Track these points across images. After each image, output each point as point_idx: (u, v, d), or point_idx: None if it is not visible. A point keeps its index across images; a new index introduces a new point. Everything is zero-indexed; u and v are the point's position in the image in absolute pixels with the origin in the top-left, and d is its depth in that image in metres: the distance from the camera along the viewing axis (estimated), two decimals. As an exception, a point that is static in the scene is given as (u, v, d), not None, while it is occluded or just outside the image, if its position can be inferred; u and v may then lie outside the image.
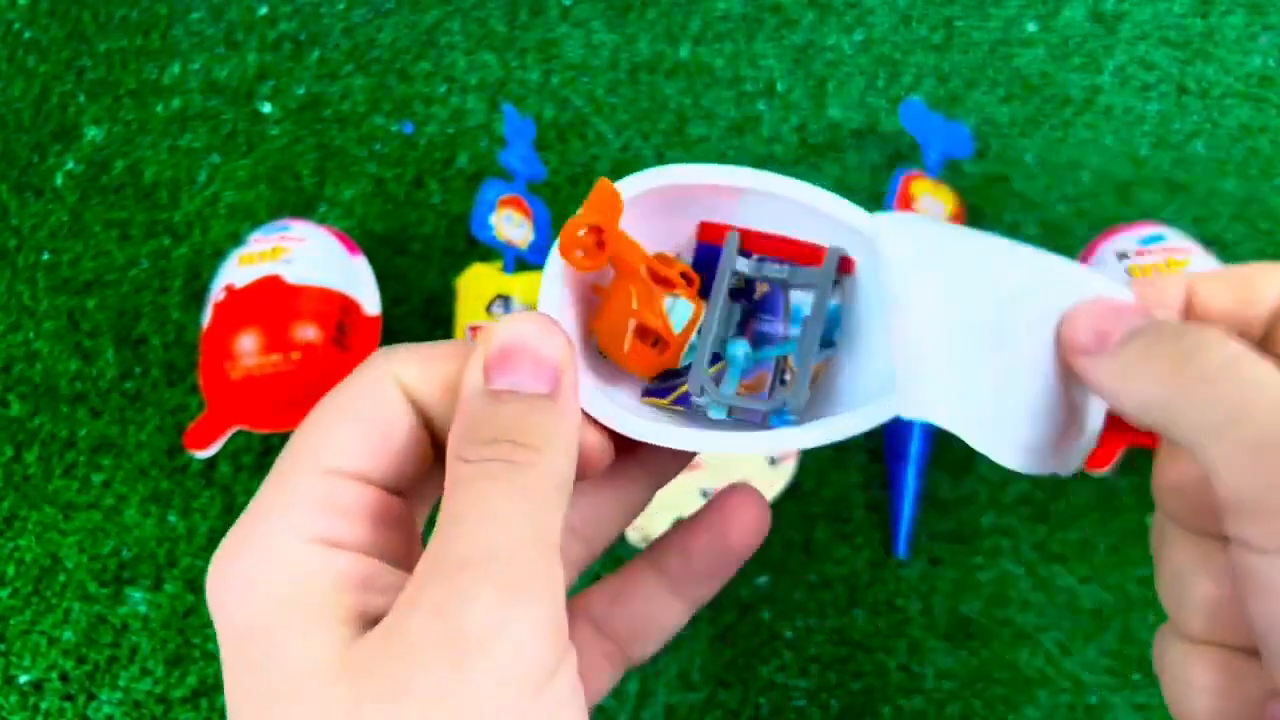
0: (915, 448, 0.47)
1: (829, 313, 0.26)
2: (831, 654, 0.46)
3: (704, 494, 0.45)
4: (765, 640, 0.46)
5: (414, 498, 0.24)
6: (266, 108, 0.59)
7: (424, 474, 0.23)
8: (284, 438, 0.50)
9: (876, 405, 0.24)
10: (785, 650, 0.46)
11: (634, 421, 0.24)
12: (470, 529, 0.19)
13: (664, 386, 0.27)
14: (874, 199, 0.55)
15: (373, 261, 0.52)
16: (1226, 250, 0.52)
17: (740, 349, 0.26)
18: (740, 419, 0.25)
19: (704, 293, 0.26)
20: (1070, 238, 0.53)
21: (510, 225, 0.51)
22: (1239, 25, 0.58)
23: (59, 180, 0.58)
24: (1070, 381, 0.24)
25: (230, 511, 0.50)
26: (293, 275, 0.48)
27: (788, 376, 0.26)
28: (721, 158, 0.56)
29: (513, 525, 0.19)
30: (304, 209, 0.56)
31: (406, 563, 0.21)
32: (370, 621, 0.19)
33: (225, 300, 0.48)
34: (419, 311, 0.54)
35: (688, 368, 0.26)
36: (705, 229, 0.28)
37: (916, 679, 0.44)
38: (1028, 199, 0.55)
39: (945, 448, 0.49)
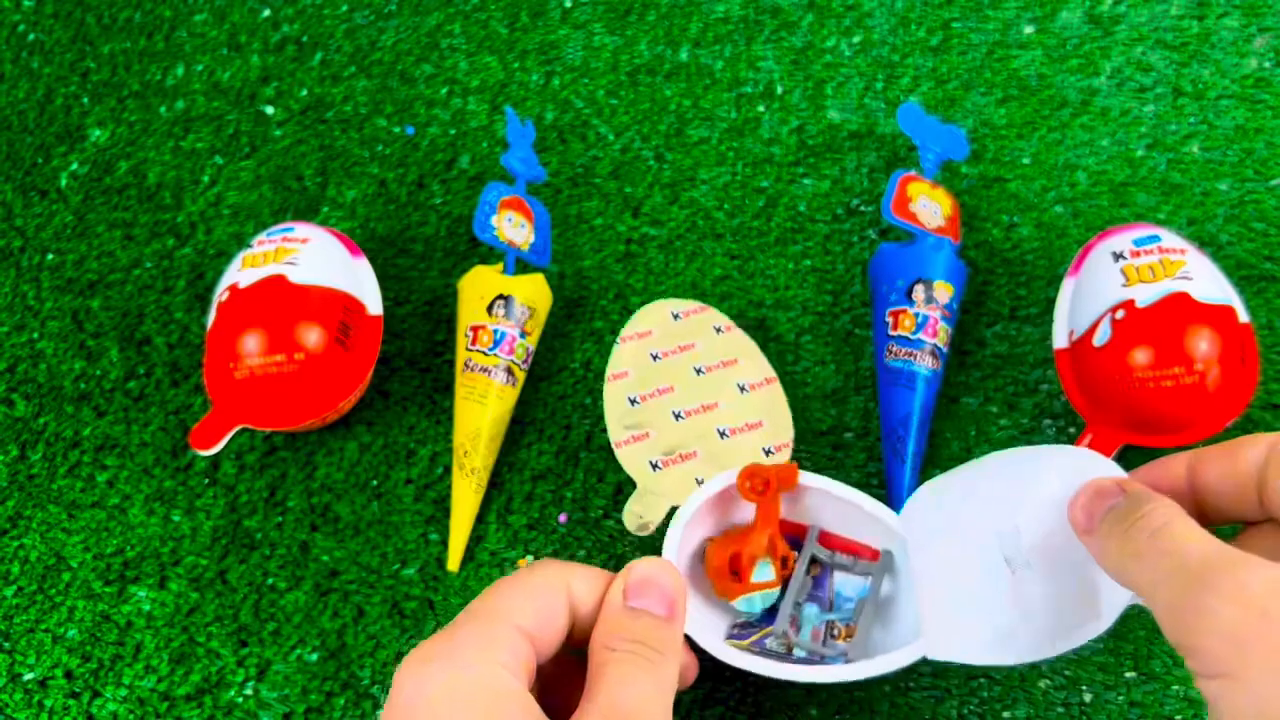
0: (911, 447, 0.48)
1: (862, 593, 0.42)
2: (830, 651, 0.46)
3: (698, 481, 0.45)
4: (764, 638, 0.47)
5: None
6: (270, 110, 0.60)
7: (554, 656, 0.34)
8: (286, 436, 0.51)
9: (904, 651, 0.38)
10: (784, 647, 0.47)
11: (730, 652, 0.39)
12: (621, 690, 0.30)
13: (744, 633, 0.41)
14: (872, 200, 0.56)
15: (375, 262, 0.52)
16: (1221, 251, 0.53)
17: (814, 609, 0.43)
18: (807, 658, 0.40)
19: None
20: (1066, 239, 0.54)
21: (511, 227, 0.51)
22: (1235, 28, 0.59)
23: (63, 181, 0.59)
24: (1085, 570, 0.33)
25: (234, 509, 0.50)
26: (296, 276, 0.48)
27: (835, 632, 0.42)
28: (721, 159, 0.57)
29: (650, 692, 0.30)
30: (307, 210, 0.57)
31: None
32: None
33: (229, 300, 0.48)
34: (421, 312, 0.54)
35: (759, 621, 0.42)
36: (787, 525, 0.43)
37: (912, 676, 0.45)
38: (1024, 200, 0.55)
39: (942, 446, 0.49)
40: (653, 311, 0.51)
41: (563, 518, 0.49)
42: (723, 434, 0.47)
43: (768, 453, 0.47)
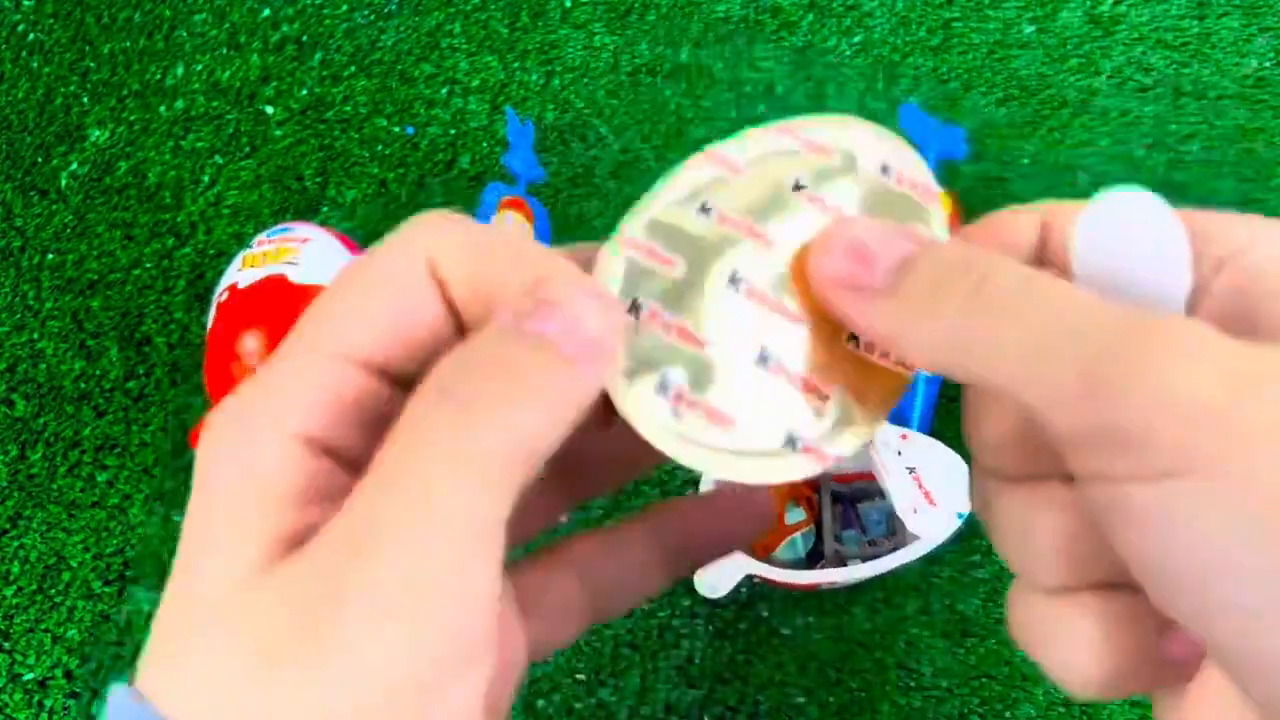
0: (913, 447, 0.48)
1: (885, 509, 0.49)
2: (830, 651, 0.46)
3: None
4: (764, 637, 0.47)
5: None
6: (270, 109, 0.60)
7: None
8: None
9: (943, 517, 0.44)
10: (784, 648, 0.47)
11: (807, 574, 0.44)
12: (389, 492, 0.17)
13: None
14: (872, 200, 0.55)
15: (375, 262, 0.52)
16: (1222, 251, 0.53)
17: (853, 534, 0.49)
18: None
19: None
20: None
21: (512, 227, 0.51)
22: (1235, 28, 0.59)
23: (63, 181, 0.59)
24: None
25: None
26: (296, 276, 0.48)
27: (878, 547, 0.48)
28: (721, 159, 0.57)
29: (436, 501, 0.16)
30: (307, 210, 0.57)
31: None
32: (284, 543, 0.17)
33: (229, 301, 0.48)
34: (421, 312, 0.54)
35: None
36: None
37: (914, 676, 0.45)
38: (1024, 201, 0.55)
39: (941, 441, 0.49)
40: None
41: (564, 516, 0.49)
42: None
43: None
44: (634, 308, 0.21)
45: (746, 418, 0.20)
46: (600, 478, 0.26)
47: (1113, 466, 0.16)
